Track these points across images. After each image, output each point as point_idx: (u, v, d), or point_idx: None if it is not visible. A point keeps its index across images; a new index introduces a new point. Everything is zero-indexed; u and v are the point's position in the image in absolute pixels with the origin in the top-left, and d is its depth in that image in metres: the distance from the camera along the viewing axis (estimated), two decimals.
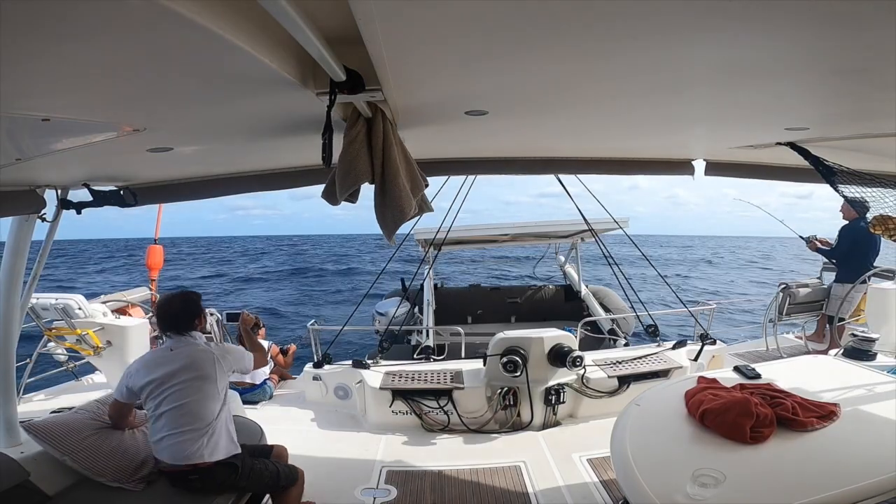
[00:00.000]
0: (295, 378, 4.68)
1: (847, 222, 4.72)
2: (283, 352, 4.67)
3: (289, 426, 3.58)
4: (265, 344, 4.38)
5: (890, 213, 2.17)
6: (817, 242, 5.01)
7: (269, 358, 4.33)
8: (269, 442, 2.60)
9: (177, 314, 2.22)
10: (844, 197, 2.23)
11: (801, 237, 5.19)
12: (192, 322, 2.22)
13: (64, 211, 2.31)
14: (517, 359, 3.23)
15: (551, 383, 3.35)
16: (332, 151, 1.28)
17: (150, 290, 5.12)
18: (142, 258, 5.49)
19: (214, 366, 2.12)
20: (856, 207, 2.39)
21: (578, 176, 3.92)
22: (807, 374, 2.47)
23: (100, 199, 2.28)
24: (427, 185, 1.61)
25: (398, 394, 3.40)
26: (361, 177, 1.33)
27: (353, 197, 1.43)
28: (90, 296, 4.22)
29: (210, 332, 4.48)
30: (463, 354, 4.18)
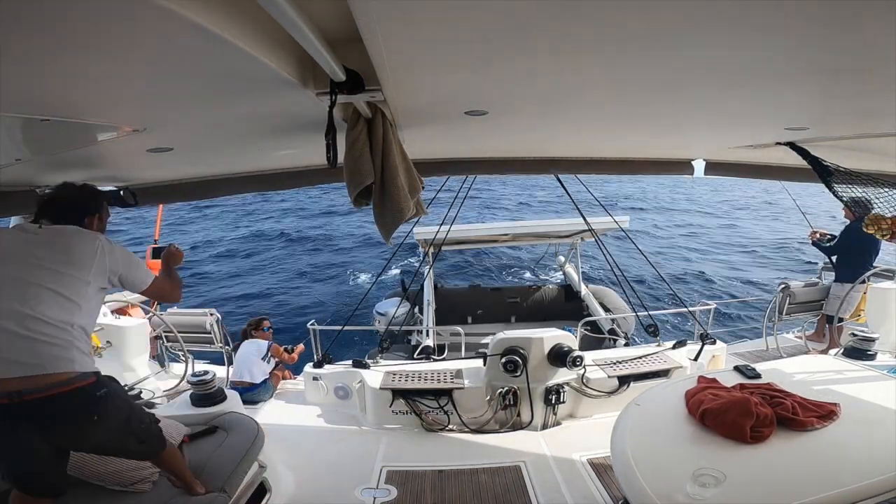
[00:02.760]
0: (295, 378, 4.68)
1: (849, 221, 4.72)
2: (288, 351, 4.64)
3: (289, 426, 3.58)
4: (264, 343, 4.34)
5: (884, 214, 2.17)
6: (817, 234, 5.01)
7: (270, 357, 4.31)
8: (270, 442, 2.58)
9: (61, 200, 1.75)
10: (840, 198, 2.23)
11: (810, 226, 5.22)
12: (79, 217, 1.75)
13: None
14: (517, 359, 3.23)
15: (551, 383, 3.35)
16: (337, 152, 1.29)
17: None
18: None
19: (95, 256, 1.64)
20: (856, 210, 2.39)
21: (578, 176, 3.92)
22: (807, 374, 2.47)
23: None
24: (423, 187, 1.62)
25: (398, 393, 3.40)
26: (366, 177, 1.34)
27: (365, 198, 1.42)
28: None
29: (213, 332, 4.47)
30: (463, 354, 4.18)
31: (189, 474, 2.01)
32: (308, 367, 3.96)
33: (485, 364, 3.41)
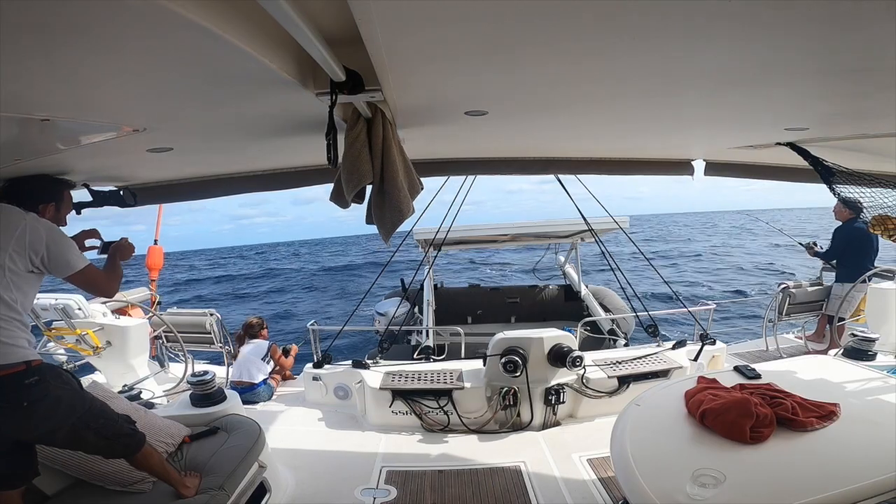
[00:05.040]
0: (295, 378, 4.68)
1: (840, 223, 4.73)
2: (286, 352, 4.66)
3: (289, 426, 3.58)
4: (264, 343, 4.36)
5: (889, 214, 2.17)
6: (815, 248, 5.03)
7: (269, 358, 4.32)
8: (270, 442, 2.58)
9: (18, 185, 1.74)
10: (838, 196, 2.23)
11: (800, 244, 5.21)
12: (32, 203, 1.73)
13: None
14: (517, 359, 3.23)
15: (551, 383, 3.35)
16: (338, 152, 1.29)
17: (150, 290, 5.12)
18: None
19: (13, 236, 1.58)
20: (850, 207, 2.40)
21: (578, 176, 3.92)
22: (807, 374, 2.47)
23: (100, 199, 2.28)
24: (422, 188, 1.62)
25: (398, 394, 3.40)
26: (365, 177, 1.34)
27: (359, 198, 1.43)
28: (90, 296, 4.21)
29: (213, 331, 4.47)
30: (463, 354, 4.18)
31: (174, 476, 1.97)
32: (308, 368, 3.96)
33: (485, 364, 3.41)
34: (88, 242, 2.06)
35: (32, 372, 1.58)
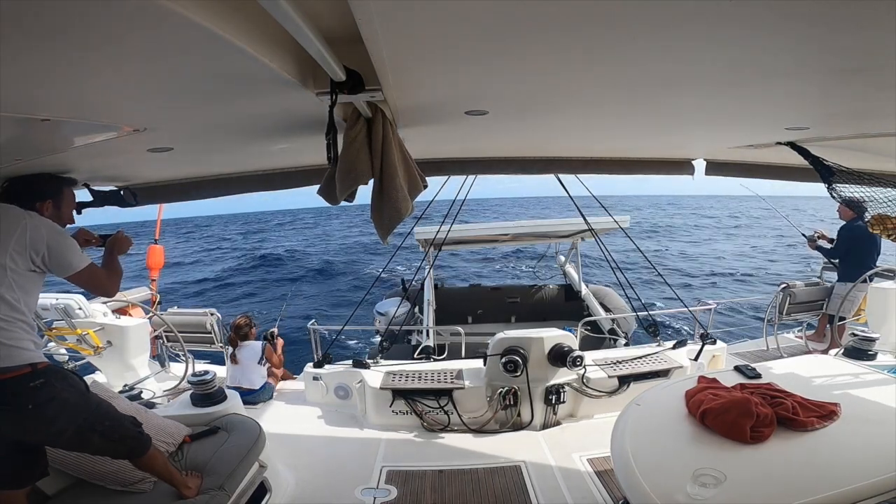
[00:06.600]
0: (295, 378, 4.68)
1: (844, 222, 4.71)
2: (271, 336, 4.44)
3: (289, 426, 3.58)
4: (258, 344, 4.25)
5: (888, 213, 2.17)
6: (818, 240, 5.01)
7: (264, 360, 4.25)
8: (270, 442, 2.58)
9: (16, 184, 1.74)
10: (838, 199, 2.23)
11: (803, 235, 5.20)
12: (30, 201, 1.71)
13: None
14: (517, 359, 3.23)
15: (551, 383, 3.35)
16: (337, 151, 1.29)
17: (151, 289, 5.12)
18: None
19: (13, 234, 1.56)
20: (853, 208, 2.40)
21: (578, 176, 3.92)
22: (807, 374, 2.47)
23: (100, 199, 2.28)
24: (426, 186, 1.62)
25: (398, 393, 3.40)
26: (362, 177, 1.34)
27: (351, 196, 1.43)
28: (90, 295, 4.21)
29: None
30: (463, 354, 4.18)
31: (177, 477, 1.98)
32: (308, 367, 3.95)
33: (485, 364, 3.41)
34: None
35: (38, 374, 1.56)
